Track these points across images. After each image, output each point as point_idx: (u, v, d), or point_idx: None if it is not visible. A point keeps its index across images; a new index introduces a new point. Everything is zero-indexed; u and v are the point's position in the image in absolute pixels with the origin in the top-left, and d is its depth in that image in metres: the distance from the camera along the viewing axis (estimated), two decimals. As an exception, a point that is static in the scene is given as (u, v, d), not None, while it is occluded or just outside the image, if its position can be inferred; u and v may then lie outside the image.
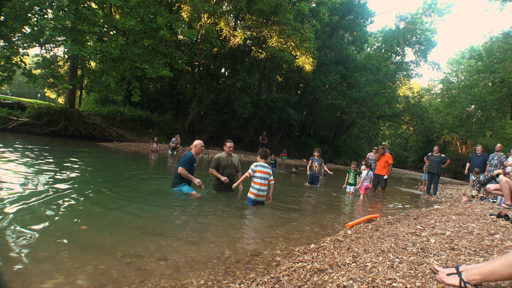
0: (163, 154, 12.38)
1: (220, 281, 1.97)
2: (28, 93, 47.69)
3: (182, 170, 4.63)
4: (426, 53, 33.35)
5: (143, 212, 3.45)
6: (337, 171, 19.33)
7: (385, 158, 8.37)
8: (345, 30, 26.98)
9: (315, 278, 1.82)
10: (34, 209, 3.01)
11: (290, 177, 10.22)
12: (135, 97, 13.16)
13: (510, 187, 5.02)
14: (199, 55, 18.18)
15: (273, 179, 4.55)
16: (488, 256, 1.99)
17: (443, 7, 31.63)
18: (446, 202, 7.27)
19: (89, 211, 3.26)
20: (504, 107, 24.64)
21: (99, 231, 2.72)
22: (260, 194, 4.38)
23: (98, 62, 12.78)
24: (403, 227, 3.24)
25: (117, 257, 2.16)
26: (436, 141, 37.96)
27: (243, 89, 20.09)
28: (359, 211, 5.58)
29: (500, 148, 8.32)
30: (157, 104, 21.86)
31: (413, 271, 1.69)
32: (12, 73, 10.55)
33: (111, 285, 1.79)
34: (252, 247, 2.72)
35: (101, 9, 13.43)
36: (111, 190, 4.37)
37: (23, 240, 2.27)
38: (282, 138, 26.35)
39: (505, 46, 22.83)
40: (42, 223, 2.68)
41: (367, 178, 6.98)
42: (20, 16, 9.93)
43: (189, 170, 4.74)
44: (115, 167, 7.23)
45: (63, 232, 2.53)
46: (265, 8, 16.85)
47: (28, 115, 12.97)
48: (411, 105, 33.94)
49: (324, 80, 23.59)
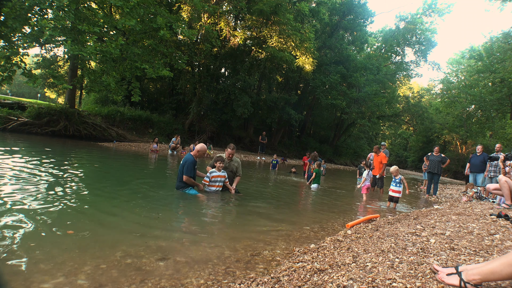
0: (163, 154, 12.38)
1: (220, 281, 1.97)
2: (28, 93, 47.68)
3: (188, 179, 4.71)
4: (426, 53, 33.38)
5: (143, 212, 3.45)
6: (337, 171, 19.33)
7: (379, 158, 8.37)
8: (345, 30, 26.99)
9: (315, 278, 1.82)
10: (34, 209, 3.01)
11: (290, 177, 10.22)
12: (135, 97, 13.15)
13: (510, 187, 5.02)
14: (199, 55, 18.18)
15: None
16: (488, 256, 1.99)
17: (443, 7, 31.66)
18: (446, 202, 7.27)
19: (89, 211, 3.26)
20: (504, 107, 24.64)
21: (99, 231, 2.72)
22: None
23: (98, 62, 12.78)
24: (403, 227, 3.24)
25: (117, 257, 2.16)
26: (436, 141, 37.97)
27: (243, 89, 20.09)
28: (360, 211, 5.58)
29: (500, 148, 8.31)
30: (157, 104, 21.86)
31: (413, 271, 1.69)
32: (12, 73, 10.54)
33: (111, 285, 1.79)
34: (252, 247, 2.72)
35: (101, 9, 13.43)
36: (111, 190, 4.37)
37: (23, 240, 2.27)
38: (282, 138, 26.35)
39: (505, 46, 22.83)
40: (42, 223, 2.68)
41: (367, 178, 6.99)
42: (20, 16, 9.92)
43: (193, 175, 4.83)
44: (115, 167, 7.23)
45: (63, 232, 2.53)
46: (265, 8, 16.85)
47: (28, 115, 12.97)
48: (411, 105, 33.94)
49: (324, 80, 23.60)
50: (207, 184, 4.99)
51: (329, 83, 23.73)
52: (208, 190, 4.99)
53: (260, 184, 7.60)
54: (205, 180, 4.98)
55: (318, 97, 24.86)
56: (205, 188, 5.01)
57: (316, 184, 7.63)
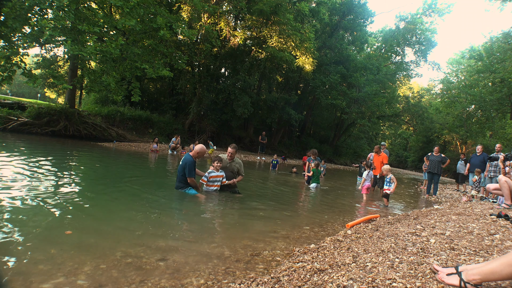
0: (163, 154, 12.38)
1: (220, 281, 1.97)
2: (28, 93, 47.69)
3: (192, 181, 4.74)
4: (426, 53, 33.37)
5: (143, 212, 3.45)
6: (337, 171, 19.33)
7: (380, 158, 8.39)
8: (345, 30, 26.98)
9: (315, 278, 1.82)
10: (34, 209, 3.01)
11: (290, 177, 10.22)
12: (135, 97, 13.15)
13: (510, 187, 5.02)
14: (199, 55, 18.17)
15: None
16: (488, 256, 1.99)
17: (443, 7, 31.65)
18: (446, 202, 7.27)
19: (89, 211, 3.26)
20: (504, 107, 24.65)
21: (99, 231, 2.72)
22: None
23: (98, 62, 12.76)
24: (403, 227, 3.24)
25: (117, 257, 2.16)
26: (436, 141, 37.93)
27: (243, 89, 20.08)
28: (360, 211, 5.58)
29: (500, 148, 8.32)
30: (157, 104, 21.85)
31: (413, 271, 1.69)
32: (12, 73, 10.53)
33: (111, 285, 1.79)
34: (252, 247, 2.72)
35: (101, 9, 13.42)
36: (111, 190, 4.37)
37: (23, 240, 2.27)
38: (282, 138, 26.35)
39: (505, 46, 22.84)
40: (42, 223, 2.68)
41: (367, 178, 7.00)
42: (20, 16, 9.91)
43: (194, 176, 4.87)
44: (115, 167, 7.23)
45: (63, 232, 2.53)
46: (265, 8, 16.85)
47: (28, 115, 12.96)
48: (411, 105, 33.94)
49: (324, 80, 23.59)
50: (205, 184, 5.00)
51: (329, 83, 23.72)
52: (206, 189, 5.01)
53: (260, 184, 7.60)
54: (203, 180, 5.00)
55: (318, 97, 24.86)
56: (203, 188, 5.02)
57: (315, 183, 7.64)
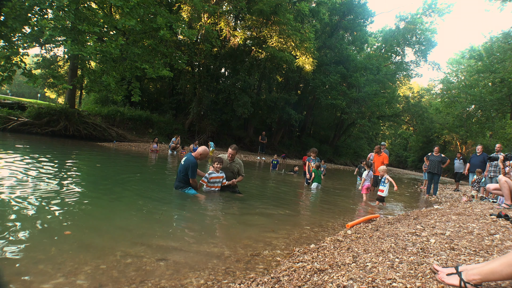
0: (163, 154, 12.38)
1: (220, 281, 1.97)
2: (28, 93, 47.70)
3: (194, 182, 4.76)
4: (426, 53, 33.36)
5: (143, 212, 3.45)
6: (337, 171, 19.34)
7: (381, 158, 8.38)
8: (345, 30, 26.99)
9: (315, 278, 1.82)
10: (33, 209, 3.01)
11: (291, 177, 10.22)
12: (135, 97, 13.15)
13: (510, 187, 5.02)
14: (199, 55, 18.17)
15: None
16: (488, 256, 1.99)
17: (443, 7, 31.65)
18: (446, 202, 7.27)
19: (89, 211, 3.26)
20: (504, 107, 24.65)
21: (99, 231, 2.72)
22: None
23: (98, 62, 12.76)
24: (403, 227, 3.24)
25: (117, 257, 2.16)
26: (436, 141, 37.94)
27: (243, 89, 20.08)
28: (360, 211, 5.58)
29: (500, 148, 8.32)
30: (157, 104, 21.85)
31: (413, 271, 1.69)
32: (12, 73, 10.53)
33: (111, 285, 1.79)
34: (252, 247, 2.72)
35: (101, 9, 13.42)
36: (111, 190, 4.37)
37: (23, 240, 2.27)
38: (282, 138, 26.36)
39: (505, 46, 22.84)
40: (42, 223, 2.67)
41: (367, 178, 6.99)
42: (20, 16, 9.92)
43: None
44: (115, 167, 7.23)
45: (63, 232, 2.53)
46: (265, 8, 16.84)
47: (28, 115, 12.96)
48: (411, 105, 33.93)
49: (324, 80, 23.59)
50: (206, 185, 5.00)
51: (329, 83, 23.72)
52: (206, 190, 5.01)
53: (260, 184, 7.60)
54: (203, 181, 4.99)
55: (318, 97, 24.86)
56: (203, 189, 5.02)
57: (316, 183, 7.63)
